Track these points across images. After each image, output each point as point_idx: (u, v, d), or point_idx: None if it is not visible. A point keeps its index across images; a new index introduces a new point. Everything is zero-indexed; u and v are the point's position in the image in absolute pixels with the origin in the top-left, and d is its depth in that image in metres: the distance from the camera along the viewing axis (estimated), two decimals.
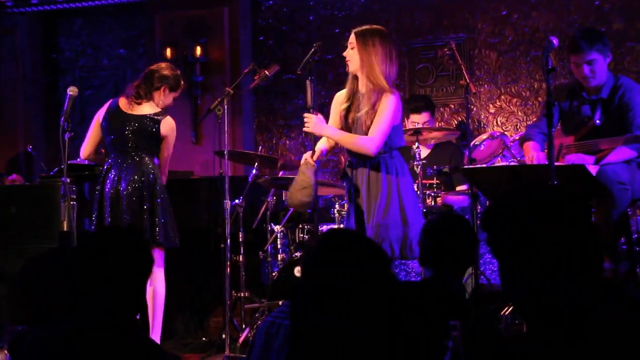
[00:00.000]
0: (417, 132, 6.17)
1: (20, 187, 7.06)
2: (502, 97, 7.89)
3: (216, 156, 6.78)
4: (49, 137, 9.17)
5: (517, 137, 6.24)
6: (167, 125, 5.74)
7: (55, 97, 9.28)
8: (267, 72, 5.63)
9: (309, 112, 4.93)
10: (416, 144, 6.09)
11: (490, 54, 7.92)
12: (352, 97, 5.05)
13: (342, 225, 6.35)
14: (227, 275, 5.18)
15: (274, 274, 6.29)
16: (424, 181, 6.06)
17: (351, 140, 4.93)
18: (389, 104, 4.92)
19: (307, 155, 4.98)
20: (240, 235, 6.08)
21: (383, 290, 2.38)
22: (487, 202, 5.98)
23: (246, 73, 6.03)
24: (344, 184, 5.10)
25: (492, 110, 7.91)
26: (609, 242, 5.12)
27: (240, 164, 7.88)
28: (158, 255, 5.50)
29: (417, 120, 6.89)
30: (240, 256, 6.10)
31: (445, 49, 6.90)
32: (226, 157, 5.51)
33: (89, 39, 9.35)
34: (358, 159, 4.99)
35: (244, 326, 6.17)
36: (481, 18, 7.94)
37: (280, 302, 5.48)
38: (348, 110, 5.04)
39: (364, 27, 5.03)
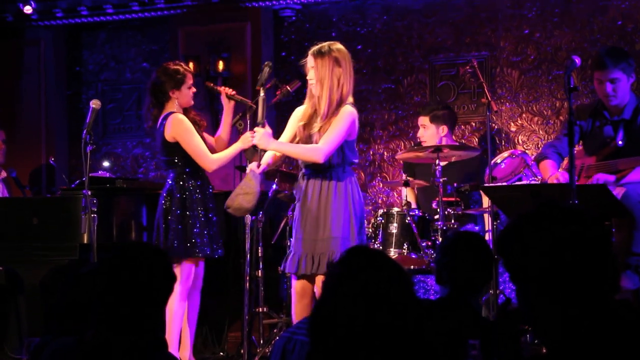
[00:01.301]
0: (437, 149, 6.17)
1: (42, 199, 7.11)
2: (524, 115, 7.87)
3: (236, 171, 6.80)
4: (71, 149, 9.21)
5: (534, 160, 6.23)
6: (170, 125, 5.68)
7: (78, 109, 9.33)
8: (288, 88, 5.66)
9: (259, 126, 4.97)
10: (436, 161, 6.08)
11: (512, 72, 7.91)
12: (312, 115, 5.06)
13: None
14: (246, 290, 5.19)
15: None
16: (444, 199, 6.06)
17: (298, 150, 4.97)
18: (343, 116, 4.95)
19: (252, 166, 5.01)
20: (260, 250, 6.09)
21: (405, 310, 2.37)
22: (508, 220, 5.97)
23: (268, 88, 6.06)
24: (295, 193, 5.11)
25: (513, 129, 7.89)
26: (629, 263, 5.10)
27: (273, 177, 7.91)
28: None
29: (421, 122, 6.89)
30: (259, 271, 6.12)
31: (467, 67, 6.90)
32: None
33: (113, 52, 9.40)
34: (312, 171, 5.00)
35: (261, 342, 6.17)
36: (503, 36, 7.94)
37: None
38: (305, 126, 5.06)
39: (320, 46, 5.05)
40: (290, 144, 4.99)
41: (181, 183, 5.67)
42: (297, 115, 5.15)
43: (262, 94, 5.04)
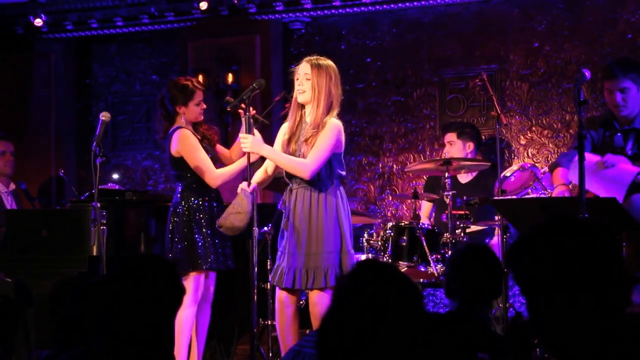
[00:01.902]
0: (447, 162, 6.16)
1: (52, 211, 7.12)
2: (533, 128, 7.87)
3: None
4: (80, 161, 9.24)
5: (548, 169, 6.22)
6: (175, 140, 5.68)
7: (88, 122, 9.36)
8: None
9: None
10: (446, 174, 6.08)
11: (521, 86, 7.91)
12: (297, 128, 5.07)
13: (369, 255, 6.35)
14: (254, 303, 5.19)
15: (301, 302, 6.29)
16: (454, 212, 6.05)
17: (287, 162, 4.97)
18: (329, 130, 4.96)
19: (243, 185, 5.01)
20: (268, 263, 6.09)
21: (414, 323, 2.36)
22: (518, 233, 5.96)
23: (277, 101, 6.07)
24: (282, 209, 5.10)
25: (523, 142, 7.89)
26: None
27: (269, 192, 7.91)
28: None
29: (448, 139, 6.91)
30: (268, 284, 6.11)
31: (477, 80, 6.90)
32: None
33: (123, 65, 9.43)
34: (299, 185, 5.00)
35: (270, 354, 6.16)
36: (513, 49, 7.94)
37: (307, 331, 5.47)
38: (290, 140, 5.06)
39: (318, 58, 5.08)
40: (281, 153, 5.01)
41: (187, 197, 5.67)
42: (283, 132, 5.16)
43: (245, 113, 5.05)
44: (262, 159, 5.27)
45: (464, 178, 6.92)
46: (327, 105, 4.98)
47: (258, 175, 5.20)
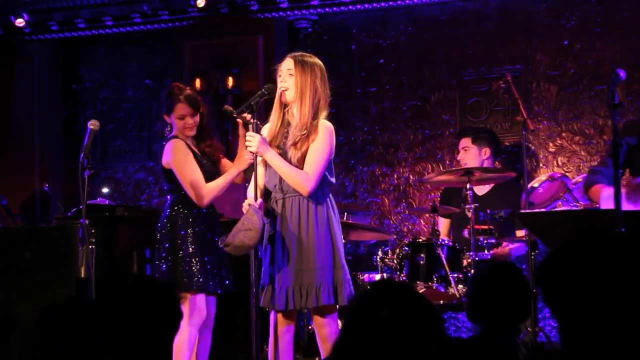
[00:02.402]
0: (468, 172, 6.16)
1: (36, 229, 7.14)
2: (563, 134, 7.86)
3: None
4: (67, 175, 9.24)
5: (580, 179, 6.21)
6: (165, 151, 5.69)
7: (75, 131, 9.38)
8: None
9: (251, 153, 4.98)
10: (467, 185, 6.08)
11: (550, 88, 7.91)
12: (278, 129, 5.07)
13: (384, 275, 6.34)
14: (256, 328, 5.17)
15: (310, 327, 6.28)
16: (476, 227, 6.04)
17: (289, 171, 4.93)
18: (325, 136, 4.95)
19: (251, 201, 4.99)
20: None
21: (434, 349, 2.35)
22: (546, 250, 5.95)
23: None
24: (267, 221, 5.07)
25: (551, 150, 7.88)
26: None
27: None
28: None
29: (463, 144, 6.91)
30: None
31: (501, 82, 6.91)
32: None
33: (112, 68, 9.46)
34: (284, 195, 5.00)
35: None
36: (540, 48, 7.94)
37: (317, 359, 5.47)
38: (270, 143, 5.03)
39: (302, 54, 5.07)
40: (283, 160, 4.98)
41: (176, 211, 5.67)
42: (264, 134, 5.14)
43: (252, 121, 5.05)
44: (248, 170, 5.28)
45: (480, 190, 6.91)
46: (314, 105, 4.96)
47: (260, 191, 5.19)
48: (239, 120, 5.18)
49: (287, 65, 5.03)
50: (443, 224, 7.13)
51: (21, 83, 9.34)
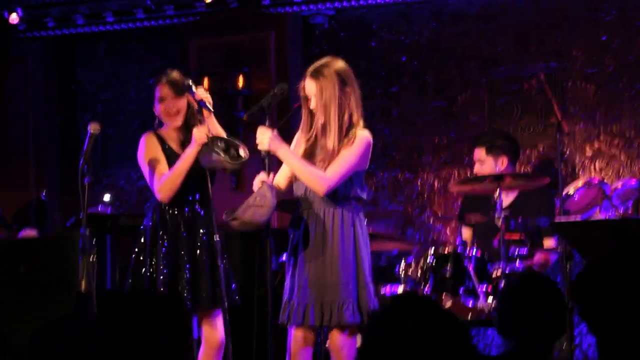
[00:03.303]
0: (498, 178, 6.17)
1: (31, 241, 7.17)
2: (601, 137, 7.86)
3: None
4: (65, 182, 9.27)
5: (619, 185, 6.21)
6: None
7: (74, 135, 9.41)
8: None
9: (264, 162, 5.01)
10: (497, 191, 6.09)
11: (586, 87, 7.91)
12: (314, 143, 5.12)
13: (407, 288, 6.35)
14: (271, 346, 5.19)
15: (327, 345, 6.29)
16: (506, 236, 6.05)
17: (304, 169, 4.99)
18: (359, 144, 5.01)
19: (262, 177, 5.02)
20: None
21: None
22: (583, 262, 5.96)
23: (296, 108, 6.09)
24: (290, 235, 5.11)
25: (588, 154, 7.88)
26: None
27: (288, 214, 7.91)
28: None
29: (477, 156, 6.92)
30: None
31: (533, 81, 6.93)
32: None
33: (113, 68, 9.50)
34: (310, 206, 5.05)
35: None
36: (576, 44, 7.94)
37: None
38: (305, 152, 5.10)
39: (318, 64, 5.09)
40: (300, 158, 5.02)
41: (150, 215, 5.70)
42: (296, 144, 5.19)
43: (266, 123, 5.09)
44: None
45: (504, 198, 6.91)
46: (345, 121, 5.00)
47: (284, 174, 5.23)
48: (193, 100, 5.24)
49: (310, 90, 5.04)
50: (466, 232, 7.13)
51: (15, 85, 9.37)
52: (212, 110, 5.53)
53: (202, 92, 5.53)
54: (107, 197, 8.35)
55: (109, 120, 9.29)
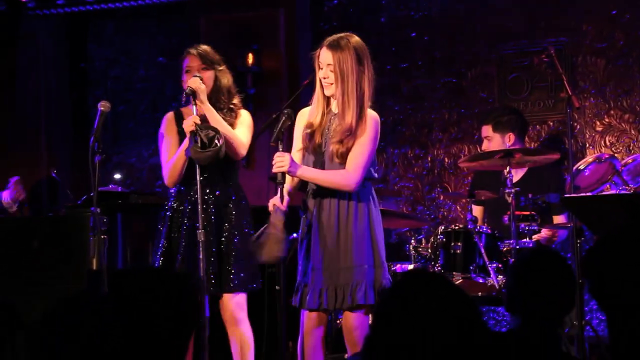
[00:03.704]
0: (508, 154, 6.17)
1: (43, 218, 7.19)
2: (612, 112, 7.84)
3: (271, 183, 6.82)
4: (76, 160, 9.28)
5: (630, 160, 6.21)
6: None
7: (84, 113, 9.42)
8: None
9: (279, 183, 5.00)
10: (507, 168, 6.09)
11: (597, 62, 7.88)
12: (322, 120, 5.11)
13: (418, 265, 6.36)
14: (283, 323, 5.22)
15: (338, 321, 6.31)
16: (516, 212, 6.06)
17: (326, 178, 5.01)
18: (371, 129, 5.02)
19: (275, 201, 5.02)
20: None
21: (472, 343, 2.36)
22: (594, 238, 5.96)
23: (306, 85, 6.08)
24: (302, 216, 5.12)
25: (599, 129, 7.86)
26: None
27: (300, 193, 7.92)
28: None
29: (484, 133, 6.93)
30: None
31: (543, 56, 6.91)
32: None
33: (123, 45, 9.49)
34: (322, 188, 5.05)
35: None
36: (586, 18, 7.91)
37: (346, 356, 5.50)
38: (313, 134, 5.09)
39: (337, 37, 5.08)
40: (318, 171, 5.03)
41: (171, 196, 5.75)
42: (302, 123, 5.18)
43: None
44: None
45: (516, 174, 6.90)
46: (359, 101, 4.99)
47: (287, 188, 5.22)
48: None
49: (326, 60, 5.04)
50: (476, 210, 7.13)
51: (24, 62, 9.36)
52: (201, 99, 5.55)
53: (192, 81, 5.56)
54: (118, 176, 8.38)
55: (119, 98, 9.29)
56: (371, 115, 5.03)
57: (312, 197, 5.09)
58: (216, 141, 5.38)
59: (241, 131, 5.66)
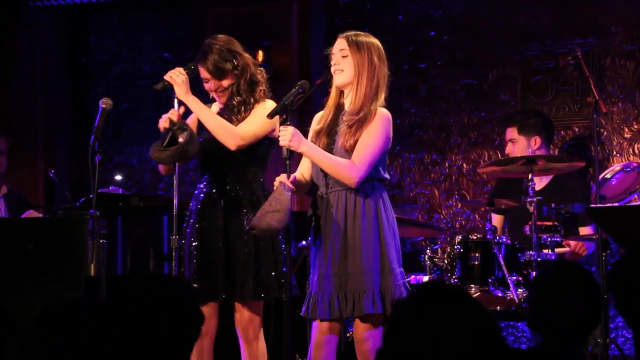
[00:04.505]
0: (530, 160, 6.15)
1: (39, 220, 7.19)
2: None
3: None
4: (75, 160, 9.29)
5: None
6: None
7: (84, 110, 9.43)
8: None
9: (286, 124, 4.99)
10: (529, 175, 6.07)
11: (626, 64, 7.87)
12: (331, 117, 5.11)
13: (433, 277, 6.35)
14: (289, 335, 5.20)
15: (348, 334, 6.30)
16: (539, 223, 6.04)
17: (331, 163, 4.97)
18: (381, 123, 4.99)
19: (282, 178, 5.01)
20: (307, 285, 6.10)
21: (488, 357, 2.36)
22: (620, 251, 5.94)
23: (318, 84, 6.07)
24: (312, 217, 5.10)
25: (627, 135, 7.85)
26: None
27: (309, 197, 7.91)
28: None
29: (509, 136, 6.92)
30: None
31: (569, 58, 6.89)
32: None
33: (126, 39, 9.51)
34: (330, 189, 5.04)
35: None
36: (615, 19, 7.90)
37: None
38: (320, 132, 5.10)
39: (356, 33, 5.13)
40: (324, 152, 5.02)
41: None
42: (315, 121, 5.20)
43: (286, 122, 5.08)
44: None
45: (539, 182, 6.89)
46: (372, 87, 5.01)
47: (305, 167, 5.24)
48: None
49: (339, 46, 5.09)
50: (496, 221, 7.12)
51: (23, 56, 9.36)
52: (180, 92, 5.55)
53: (168, 75, 5.57)
54: (119, 177, 8.39)
55: (121, 95, 9.29)
56: (381, 111, 5.03)
57: (320, 200, 5.08)
58: (180, 139, 5.38)
59: (246, 121, 5.62)
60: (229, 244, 5.49)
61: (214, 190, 5.59)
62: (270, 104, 5.55)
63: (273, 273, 5.49)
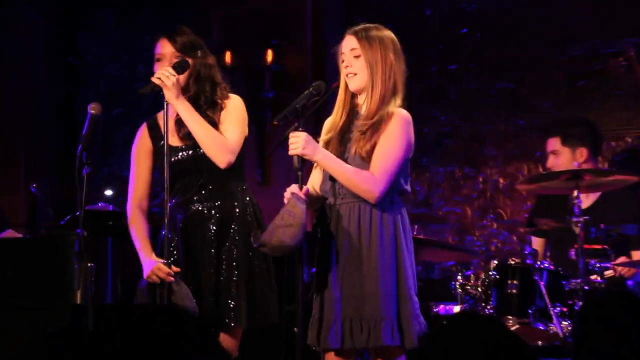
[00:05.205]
0: (576, 175, 6.10)
1: (19, 241, 7.18)
2: None
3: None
4: (60, 172, 9.33)
5: None
6: None
7: (72, 117, 9.46)
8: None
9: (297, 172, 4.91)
10: (575, 192, 6.02)
11: None
12: (344, 124, 5.03)
13: (465, 307, 6.30)
14: None
15: None
16: (585, 246, 5.98)
17: (349, 175, 4.89)
18: (400, 126, 4.91)
19: (293, 188, 4.91)
20: None
21: None
22: None
23: (334, 88, 6.03)
24: (318, 230, 5.02)
25: None
26: None
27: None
28: None
29: (550, 147, 6.88)
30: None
31: (620, 59, 6.85)
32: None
33: (121, 39, 9.56)
34: (342, 200, 4.96)
35: None
36: None
37: None
38: (330, 141, 5.02)
39: (366, 27, 5.03)
40: (341, 161, 4.95)
41: None
42: (326, 129, 5.13)
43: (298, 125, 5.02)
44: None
45: (584, 200, 6.87)
46: (389, 89, 4.95)
47: (316, 178, 5.17)
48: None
49: (349, 45, 5.01)
50: (536, 244, 7.10)
51: (6, 56, 9.43)
52: (170, 96, 5.59)
53: (156, 77, 5.56)
54: (109, 192, 8.37)
55: (114, 100, 9.40)
56: (400, 112, 4.95)
57: (329, 211, 5.00)
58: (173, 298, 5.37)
59: (227, 130, 5.55)
60: (220, 268, 5.47)
61: (200, 208, 5.57)
62: (236, 99, 5.56)
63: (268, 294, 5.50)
